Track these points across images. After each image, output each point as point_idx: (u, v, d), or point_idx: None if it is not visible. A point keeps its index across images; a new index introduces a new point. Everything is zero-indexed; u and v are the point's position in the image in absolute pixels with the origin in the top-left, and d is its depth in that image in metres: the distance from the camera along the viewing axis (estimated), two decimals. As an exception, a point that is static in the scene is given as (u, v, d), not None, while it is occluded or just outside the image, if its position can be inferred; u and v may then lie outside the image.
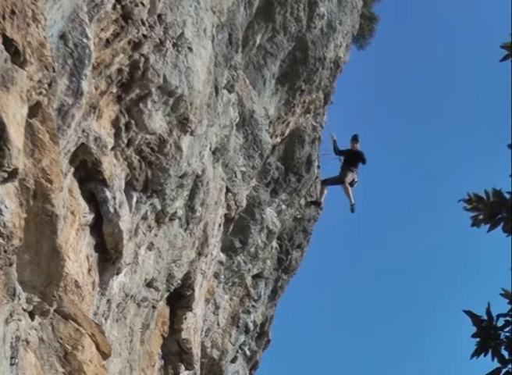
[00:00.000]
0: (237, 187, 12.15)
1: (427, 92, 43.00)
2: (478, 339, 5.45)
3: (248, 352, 15.33)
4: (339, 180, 16.37)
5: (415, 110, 43.30)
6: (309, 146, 14.68)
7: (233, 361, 14.72)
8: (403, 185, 43.62)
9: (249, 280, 14.27)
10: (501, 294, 5.44)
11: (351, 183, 16.29)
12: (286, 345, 37.00)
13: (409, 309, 41.08)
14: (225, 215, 12.13)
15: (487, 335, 5.39)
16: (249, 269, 13.86)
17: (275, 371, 31.37)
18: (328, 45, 13.79)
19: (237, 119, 11.34)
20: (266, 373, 24.49)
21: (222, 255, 12.80)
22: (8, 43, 4.73)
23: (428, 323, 40.96)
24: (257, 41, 12.07)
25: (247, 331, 14.71)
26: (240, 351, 14.92)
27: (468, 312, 5.46)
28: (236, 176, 12.08)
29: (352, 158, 16.39)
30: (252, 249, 13.53)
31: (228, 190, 11.83)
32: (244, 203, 12.67)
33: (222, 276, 13.09)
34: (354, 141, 16.60)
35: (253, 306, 14.74)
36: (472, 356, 5.46)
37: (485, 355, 5.45)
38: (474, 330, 5.47)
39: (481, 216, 5.56)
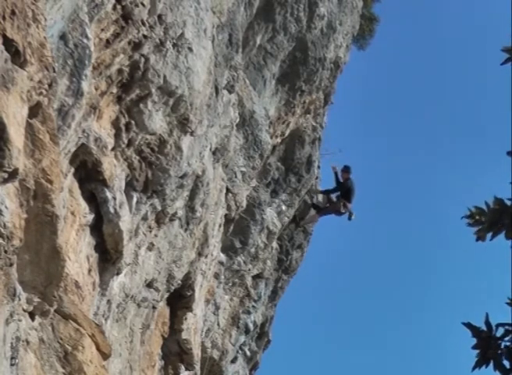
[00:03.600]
0: (237, 187, 12.15)
1: (427, 92, 43.04)
2: (478, 350, 5.41)
3: (248, 353, 15.33)
4: (332, 210, 15.88)
5: (415, 110, 43.33)
6: (309, 146, 14.67)
7: (233, 361, 14.71)
8: (403, 189, 43.54)
9: (249, 281, 14.26)
10: (507, 303, 5.39)
11: (344, 212, 15.77)
12: (286, 345, 36.97)
13: (409, 315, 40.95)
14: (226, 215, 12.12)
15: (487, 346, 5.35)
16: (249, 270, 13.86)
17: (275, 371, 31.38)
18: (329, 46, 13.80)
19: (237, 120, 11.34)
20: (266, 374, 24.48)
21: (222, 255, 12.80)
22: (9, 43, 4.73)
23: (429, 333, 40.80)
24: (258, 42, 12.07)
25: (247, 332, 14.70)
26: (240, 351, 14.92)
27: (467, 324, 5.42)
28: (236, 177, 12.08)
29: (344, 192, 15.74)
30: (252, 250, 13.53)
31: (228, 190, 11.83)
32: (244, 203, 12.67)
33: (223, 277, 13.08)
34: (345, 172, 15.77)
35: (253, 307, 14.73)
36: (474, 368, 5.41)
37: (486, 367, 5.40)
38: (474, 340, 5.43)
39: (484, 229, 5.50)
